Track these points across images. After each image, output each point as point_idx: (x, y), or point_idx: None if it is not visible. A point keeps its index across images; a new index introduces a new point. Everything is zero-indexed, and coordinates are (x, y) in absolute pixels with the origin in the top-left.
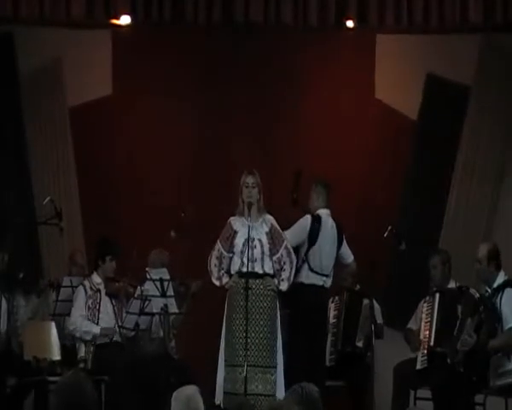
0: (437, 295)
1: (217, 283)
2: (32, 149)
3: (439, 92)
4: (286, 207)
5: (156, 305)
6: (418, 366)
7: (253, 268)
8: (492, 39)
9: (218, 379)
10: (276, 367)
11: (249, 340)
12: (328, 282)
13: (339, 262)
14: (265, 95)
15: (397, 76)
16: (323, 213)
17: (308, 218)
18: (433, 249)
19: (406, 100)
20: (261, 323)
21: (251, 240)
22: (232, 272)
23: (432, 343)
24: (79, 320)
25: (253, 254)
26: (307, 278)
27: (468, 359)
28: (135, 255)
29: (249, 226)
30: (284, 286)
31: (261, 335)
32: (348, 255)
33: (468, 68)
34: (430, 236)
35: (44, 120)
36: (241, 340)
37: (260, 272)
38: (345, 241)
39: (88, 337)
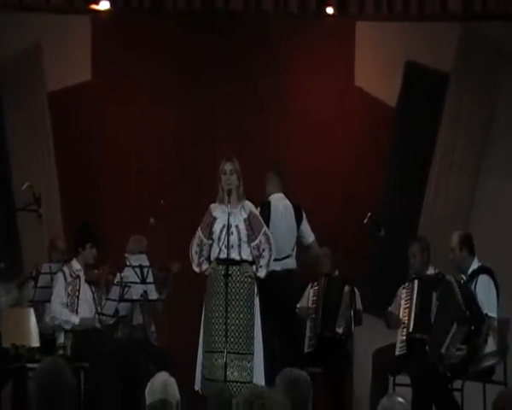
0: (416, 282)
1: (197, 269)
2: (10, 134)
3: (419, 80)
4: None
5: (136, 291)
6: (397, 352)
7: (229, 255)
8: (472, 27)
9: (197, 365)
10: (252, 354)
11: (228, 327)
12: (290, 263)
13: (301, 245)
14: (249, 83)
15: (376, 63)
16: (274, 197)
17: (257, 209)
18: (412, 238)
19: (386, 87)
20: (238, 309)
21: (229, 226)
22: (212, 258)
23: (411, 330)
24: (59, 308)
25: (229, 240)
26: None
27: (456, 368)
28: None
29: (229, 213)
30: (262, 273)
31: (239, 321)
32: (308, 235)
33: (448, 56)
34: (410, 223)
35: (24, 105)
36: (220, 326)
37: (237, 258)
38: (305, 221)
39: (67, 327)
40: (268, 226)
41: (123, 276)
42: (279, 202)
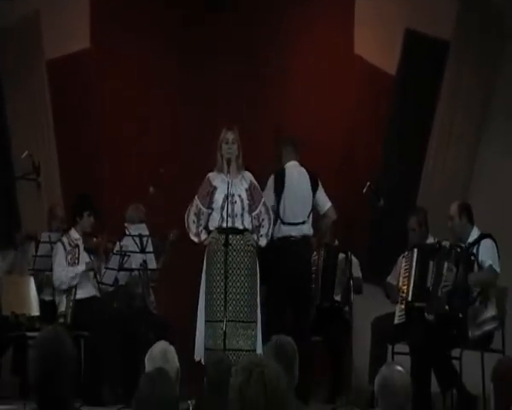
0: (415, 251)
1: (195, 239)
2: (9, 102)
3: (419, 48)
4: (265, 168)
5: (135, 261)
6: (396, 321)
7: (233, 224)
8: None
9: (197, 336)
10: (256, 322)
11: (229, 296)
12: (305, 229)
13: (317, 213)
14: (250, 57)
15: (376, 32)
16: (289, 165)
17: (271, 178)
18: (411, 210)
19: (386, 56)
20: (241, 279)
21: (230, 196)
22: (211, 228)
23: (410, 298)
24: (64, 273)
25: (233, 209)
26: (279, 231)
27: (452, 297)
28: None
29: (229, 182)
30: (263, 242)
31: (241, 290)
32: (324, 202)
33: (447, 25)
34: (409, 193)
35: (22, 73)
36: (220, 296)
37: (240, 227)
38: (321, 188)
39: (75, 281)
40: (282, 192)
41: (122, 245)
42: (294, 170)
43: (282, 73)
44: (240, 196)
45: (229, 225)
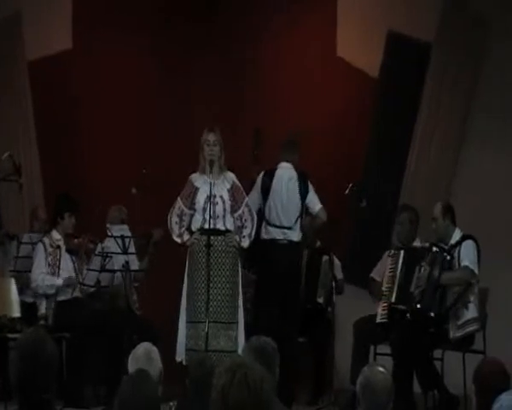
0: (402, 253)
1: (178, 240)
2: None
3: (401, 49)
4: (247, 166)
5: (117, 262)
6: (378, 320)
7: (215, 225)
8: None
9: (179, 337)
10: (237, 323)
11: (211, 296)
12: (293, 235)
13: (309, 214)
14: (229, 53)
15: (358, 33)
16: (282, 165)
17: (260, 175)
18: (403, 206)
19: (368, 57)
20: (223, 279)
21: (212, 197)
22: (193, 229)
23: (393, 300)
24: (41, 277)
25: (215, 211)
26: (266, 233)
27: (424, 295)
28: (97, 212)
29: (211, 183)
30: (246, 243)
31: (223, 291)
32: (314, 204)
33: (430, 25)
34: (391, 195)
35: (3, 74)
36: (202, 296)
37: (222, 228)
38: (312, 191)
39: (51, 291)
40: (268, 194)
41: (104, 246)
42: (285, 172)
43: (263, 74)
44: (221, 196)
45: (211, 226)
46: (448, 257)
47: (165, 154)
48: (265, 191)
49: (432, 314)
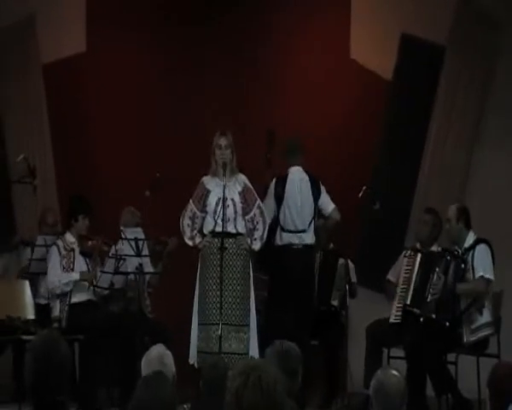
0: (419, 255)
1: (190, 243)
2: (5, 106)
3: (414, 52)
4: (259, 168)
5: (131, 264)
6: (392, 320)
7: (226, 228)
8: None
9: (191, 339)
10: (248, 326)
11: (223, 299)
12: (307, 238)
13: (321, 215)
14: (242, 55)
15: (372, 36)
16: (292, 170)
17: (272, 182)
18: (428, 209)
19: (381, 60)
20: (234, 282)
21: (224, 200)
22: (205, 232)
23: (408, 301)
24: (56, 278)
25: (225, 214)
26: (281, 239)
27: (440, 305)
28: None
29: (224, 186)
30: (257, 246)
31: (234, 294)
32: (327, 205)
33: (444, 28)
34: (405, 197)
35: (18, 77)
36: (215, 299)
37: (233, 231)
38: (324, 192)
39: (69, 288)
40: (283, 199)
41: (118, 249)
42: (296, 176)
43: (276, 76)
44: (233, 199)
45: (220, 229)
46: (462, 265)
47: (181, 156)
48: (279, 199)
49: (447, 324)
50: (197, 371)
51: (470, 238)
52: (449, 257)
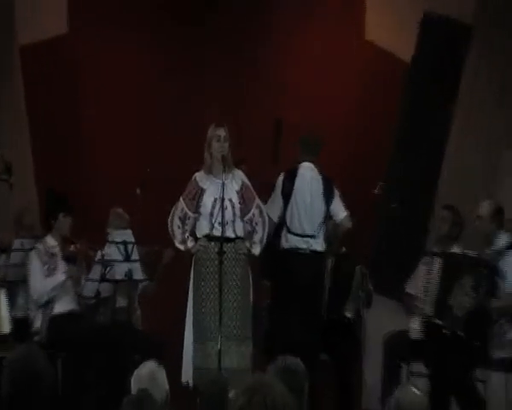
0: (438, 260)
1: (181, 247)
2: None
3: (438, 32)
4: (262, 163)
5: (119, 271)
6: (413, 336)
7: (224, 232)
8: None
9: (184, 355)
10: (250, 339)
11: (224, 310)
12: (317, 244)
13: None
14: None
15: (390, 15)
16: (303, 166)
17: (280, 176)
18: (447, 205)
19: (401, 41)
20: (235, 291)
21: (221, 200)
22: (198, 235)
23: (429, 313)
24: (41, 285)
25: (223, 216)
26: (287, 241)
27: (469, 323)
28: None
29: (223, 184)
30: (257, 250)
31: (235, 304)
32: (339, 210)
33: (469, 5)
34: (425, 194)
35: None
36: (213, 310)
37: (232, 236)
38: (337, 197)
39: (56, 292)
40: (290, 197)
41: (104, 253)
42: (307, 173)
43: (284, 60)
44: (230, 200)
45: (219, 233)
46: (496, 278)
47: (173, 151)
48: (287, 195)
49: (478, 343)
50: (192, 390)
51: (502, 240)
52: (483, 268)
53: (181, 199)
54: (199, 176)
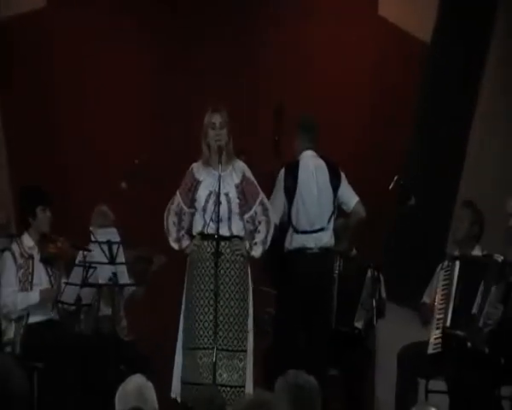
0: (457, 264)
1: (175, 246)
2: None
3: (459, 7)
4: (264, 153)
5: (103, 274)
6: (430, 350)
7: (217, 229)
8: None
9: (174, 368)
10: (245, 352)
11: (218, 318)
12: (325, 238)
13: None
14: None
15: None
16: (305, 155)
17: (281, 171)
18: (465, 202)
19: (418, 17)
20: (229, 296)
21: (217, 194)
22: (194, 233)
23: (448, 324)
24: (12, 298)
25: (217, 211)
26: (292, 242)
27: (495, 338)
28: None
29: (220, 176)
30: (258, 251)
31: (229, 311)
32: (349, 198)
33: None
34: (447, 189)
35: None
36: (201, 317)
37: (227, 234)
38: (345, 182)
39: (27, 311)
40: (294, 192)
41: (86, 254)
42: (309, 162)
43: (285, 39)
44: (227, 194)
45: (213, 231)
46: None
47: (161, 143)
48: (290, 191)
49: (503, 361)
50: (182, 407)
51: None
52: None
53: (177, 193)
54: (196, 166)
